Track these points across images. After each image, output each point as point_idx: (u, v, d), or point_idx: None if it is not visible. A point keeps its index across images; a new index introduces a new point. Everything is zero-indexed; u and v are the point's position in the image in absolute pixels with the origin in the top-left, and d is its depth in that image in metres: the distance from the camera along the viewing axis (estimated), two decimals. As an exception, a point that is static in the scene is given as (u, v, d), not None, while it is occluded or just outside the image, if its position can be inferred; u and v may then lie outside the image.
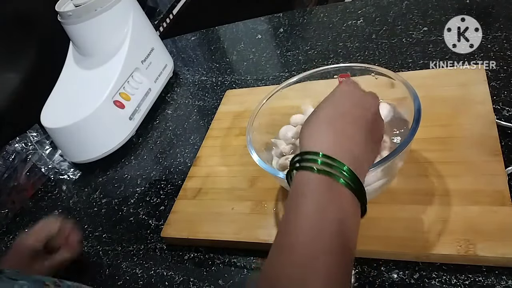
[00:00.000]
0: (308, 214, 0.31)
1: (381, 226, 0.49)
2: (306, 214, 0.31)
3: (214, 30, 1.13)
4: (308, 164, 0.33)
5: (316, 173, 0.33)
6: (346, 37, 0.86)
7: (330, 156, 0.33)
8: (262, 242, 0.54)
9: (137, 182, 0.76)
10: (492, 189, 0.48)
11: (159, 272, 0.59)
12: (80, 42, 0.86)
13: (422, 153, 0.55)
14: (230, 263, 0.56)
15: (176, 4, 1.36)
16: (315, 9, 1.01)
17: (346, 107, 0.38)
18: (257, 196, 0.60)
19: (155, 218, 0.67)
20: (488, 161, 0.51)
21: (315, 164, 0.33)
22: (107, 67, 0.84)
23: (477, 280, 0.44)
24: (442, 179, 0.52)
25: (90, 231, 0.71)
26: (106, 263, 0.64)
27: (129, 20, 0.86)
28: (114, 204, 0.74)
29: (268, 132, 0.61)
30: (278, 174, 0.47)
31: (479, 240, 0.44)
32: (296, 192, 0.34)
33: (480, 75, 0.62)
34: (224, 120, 0.77)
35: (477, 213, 0.47)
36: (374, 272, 0.48)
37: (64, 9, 0.82)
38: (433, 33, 0.77)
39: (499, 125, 0.55)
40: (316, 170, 0.33)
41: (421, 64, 0.72)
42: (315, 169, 0.33)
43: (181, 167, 0.75)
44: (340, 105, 0.38)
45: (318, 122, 0.37)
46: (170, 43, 1.16)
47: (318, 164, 0.33)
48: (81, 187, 0.81)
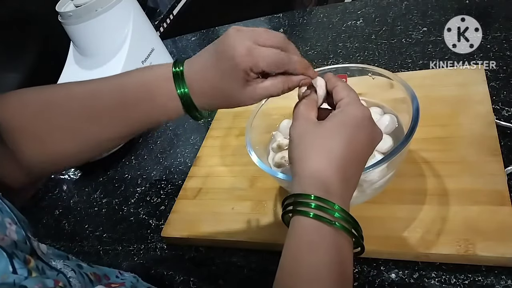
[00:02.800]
0: (307, 261, 0.32)
1: (381, 226, 0.49)
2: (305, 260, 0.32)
3: (214, 30, 1.13)
4: (302, 209, 0.33)
5: (311, 218, 0.32)
6: (345, 38, 0.86)
7: (323, 199, 0.33)
8: (262, 242, 0.54)
9: (138, 182, 0.76)
10: (492, 189, 0.48)
11: (159, 271, 0.59)
12: (80, 42, 0.86)
13: (421, 153, 0.55)
14: (230, 263, 0.56)
15: (176, 5, 1.36)
16: (315, 9, 1.01)
17: (359, 148, 0.35)
18: (257, 196, 0.60)
19: (156, 218, 0.67)
20: (487, 161, 0.51)
21: (309, 209, 0.33)
22: (108, 67, 0.84)
23: (476, 280, 0.44)
24: (442, 179, 0.52)
25: (90, 231, 0.71)
26: (107, 262, 0.64)
27: (129, 21, 0.86)
28: (114, 204, 0.74)
29: (268, 132, 0.61)
30: (277, 175, 0.47)
31: (479, 239, 0.44)
32: (295, 238, 0.34)
33: (480, 75, 0.62)
34: (224, 120, 0.77)
35: (477, 213, 0.47)
36: (374, 272, 0.48)
37: (64, 10, 0.82)
38: (432, 33, 0.77)
39: (499, 125, 0.55)
40: (311, 215, 0.32)
41: (421, 64, 0.72)
42: (310, 214, 0.32)
43: (181, 167, 0.75)
44: (353, 146, 0.35)
45: (328, 159, 0.34)
46: (171, 44, 1.17)
47: (311, 208, 0.33)
48: (81, 187, 0.81)
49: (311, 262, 0.32)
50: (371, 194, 0.50)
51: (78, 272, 0.35)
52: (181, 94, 0.39)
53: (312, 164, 0.34)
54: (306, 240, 0.33)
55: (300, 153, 0.36)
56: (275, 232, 0.54)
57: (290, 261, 0.33)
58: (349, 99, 0.38)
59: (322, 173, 0.34)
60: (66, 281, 0.32)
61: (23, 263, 0.28)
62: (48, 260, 0.34)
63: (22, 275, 0.27)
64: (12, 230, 0.31)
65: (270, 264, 0.54)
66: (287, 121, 0.61)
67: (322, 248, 0.32)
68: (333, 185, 0.33)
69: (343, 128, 0.35)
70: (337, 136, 0.35)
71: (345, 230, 0.33)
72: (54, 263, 0.34)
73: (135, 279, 0.45)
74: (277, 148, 0.58)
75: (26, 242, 0.31)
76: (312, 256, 0.32)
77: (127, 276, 0.45)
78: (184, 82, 0.39)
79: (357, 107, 0.37)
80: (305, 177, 0.34)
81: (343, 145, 0.34)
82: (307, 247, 0.32)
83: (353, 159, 0.35)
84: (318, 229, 0.32)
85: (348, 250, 0.33)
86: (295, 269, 0.32)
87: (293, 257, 0.33)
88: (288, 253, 0.34)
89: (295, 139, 0.37)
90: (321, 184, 0.33)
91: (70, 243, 0.70)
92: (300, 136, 0.37)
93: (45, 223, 0.77)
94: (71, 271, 0.34)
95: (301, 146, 0.36)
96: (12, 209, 0.32)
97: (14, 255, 0.27)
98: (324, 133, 0.36)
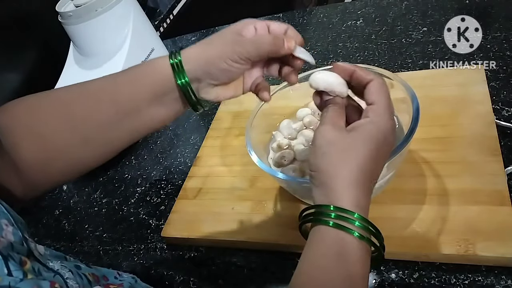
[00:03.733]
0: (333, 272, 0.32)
1: (381, 226, 0.49)
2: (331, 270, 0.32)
3: (214, 30, 1.13)
4: (323, 218, 0.34)
5: (331, 227, 0.33)
6: (345, 38, 0.86)
7: (343, 208, 0.33)
8: (262, 242, 0.54)
9: (138, 182, 0.76)
10: (492, 189, 0.48)
11: (159, 271, 0.59)
12: (80, 42, 0.86)
13: (421, 153, 0.55)
14: (230, 263, 0.56)
15: (176, 5, 1.36)
16: (315, 9, 1.01)
17: (381, 160, 0.36)
18: (257, 196, 0.60)
19: (156, 218, 0.67)
20: (487, 161, 0.51)
21: (329, 218, 0.33)
22: (108, 67, 0.84)
23: (476, 280, 0.44)
24: (442, 179, 0.52)
25: (90, 231, 0.71)
26: (107, 262, 0.64)
27: (129, 21, 0.86)
28: (114, 204, 0.74)
29: (268, 132, 0.61)
30: (277, 175, 0.47)
31: (479, 239, 0.44)
32: (319, 248, 0.34)
33: (480, 75, 0.62)
34: (224, 120, 0.77)
35: (477, 213, 0.47)
36: (374, 272, 0.48)
37: (64, 10, 0.82)
38: (432, 33, 0.77)
39: (499, 125, 0.55)
40: (331, 223, 0.33)
41: (421, 64, 0.72)
42: (330, 223, 0.33)
43: (181, 167, 0.75)
44: (378, 159, 0.35)
45: (357, 172, 0.34)
46: (171, 44, 1.17)
47: (332, 217, 0.33)
48: (81, 187, 0.81)
49: (334, 273, 0.32)
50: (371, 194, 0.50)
51: (76, 272, 0.35)
52: (181, 85, 0.40)
53: (343, 177, 0.34)
54: (331, 251, 0.33)
55: (329, 161, 0.35)
56: (275, 232, 0.54)
57: (311, 270, 0.33)
58: (380, 108, 0.36)
59: (353, 187, 0.34)
60: (63, 282, 0.32)
61: (18, 265, 0.28)
62: (46, 261, 0.34)
63: (18, 277, 0.26)
64: (9, 231, 0.30)
65: (270, 264, 0.54)
66: (287, 121, 0.61)
67: (345, 260, 0.32)
68: (361, 199, 0.34)
69: (372, 142, 0.35)
70: (367, 149, 0.34)
71: (367, 240, 0.33)
72: (51, 264, 0.34)
73: (134, 280, 0.45)
74: (277, 148, 0.58)
75: (23, 244, 0.31)
76: (336, 267, 0.32)
77: (126, 277, 0.45)
78: (183, 72, 0.39)
79: (386, 121, 0.36)
80: (336, 190, 0.34)
81: (370, 159, 0.34)
82: (332, 258, 0.33)
83: (374, 170, 0.36)
84: (341, 238, 0.33)
85: (366, 258, 0.34)
86: (316, 279, 0.32)
87: (314, 266, 0.33)
88: (309, 262, 0.34)
89: (323, 146, 0.36)
90: (354, 197, 0.34)
91: (70, 243, 0.70)
92: (329, 144, 0.36)
93: (45, 223, 0.77)
94: (68, 272, 0.34)
95: (329, 155, 0.35)
96: (8, 210, 0.32)
97: (10, 257, 0.27)
98: (354, 145, 0.35)
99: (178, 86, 0.40)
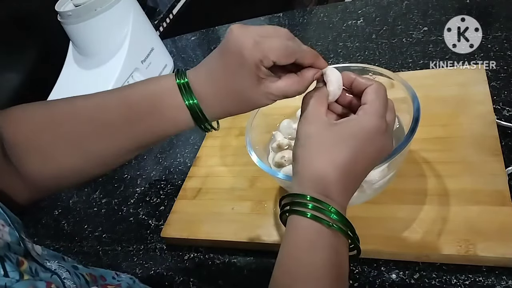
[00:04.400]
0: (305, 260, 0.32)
1: (381, 226, 0.49)
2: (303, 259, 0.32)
3: (214, 30, 1.13)
4: (300, 209, 0.33)
5: (308, 219, 0.33)
6: (346, 37, 0.86)
7: (320, 200, 0.33)
8: (262, 242, 0.54)
9: (137, 182, 0.76)
10: (492, 189, 0.48)
11: (159, 272, 0.59)
12: (80, 42, 0.86)
13: (422, 153, 0.55)
14: (230, 263, 0.56)
15: (176, 4, 1.36)
16: (315, 9, 1.01)
17: (364, 161, 0.35)
18: (257, 196, 0.60)
19: (155, 218, 0.67)
20: (488, 161, 0.51)
21: (306, 209, 0.33)
22: (107, 67, 0.84)
23: (477, 280, 0.44)
24: (442, 179, 0.51)
25: (90, 231, 0.70)
26: (106, 263, 0.64)
27: (129, 20, 0.86)
28: (114, 204, 0.74)
29: (268, 132, 0.61)
30: (277, 175, 0.47)
31: (479, 240, 0.44)
32: (293, 237, 0.34)
33: (480, 75, 0.61)
34: (224, 120, 0.77)
35: (477, 213, 0.47)
36: (374, 272, 0.48)
37: (64, 9, 0.82)
38: (433, 33, 0.77)
39: (499, 125, 0.55)
40: (309, 215, 0.33)
41: (421, 64, 0.72)
42: (308, 215, 0.33)
43: (181, 167, 0.75)
44: (360, 158, 0.34)
45: (332, 165, 0.34)
46: (170, 43, 1.16)
47: (309, 208, 0.33)
48: (81, 187, 0.81)
49: (309, 261, 0.32)
50: (372, 194, 0.50)
51: (74, 273, 0.35)
52: (189, 105, 0.38)
53: (315, 167, 0.34)
54: (305, 239, 0.33)
55: (304, 153, 0.35)
56: (275, 232, 0.54)
57: (287, 260, 0.33)
58: (370, 108, 0.35)
59: (324, 178, 0.33)
60: (60, 283, 0.32)
61: (15, 265, 0.27)
62: (43, 261, 0.33)
63: (14, 278, 0.26)
64: (5, 231, 0.30)
65: (270, 264, 0.53)
66: (287, 121, 0.60)
67: (321, 248, 0.32)
68: (333, 192, 0.33)
69: (352, 139, 0.34)
70: (344, 145, 0.34)
71: (341, 231, 0.33)
72: (48, 264, 0.34)
73: (132, 280, 0.45)
74: (277, 148, 0.57)
75: (20, 244, 0.31)
76: (310, 255, 0.32)
77: (124, 277, 0.45)
78: (191, 92, 0.38)
79: (372, 120, 0.35)
80: (306, 178, 0.34)
81: (350, 156, 0.34)
82: (306, 246, 0.32)
83: (357, 170, 0.35)
84: (316, 229, 0.32)
85: (345, 252, 0.33)
86: (292, 268, 0.32)
87: (290, 255, 0.33)
88: (286, 251, 0.34)
89: (301, 138, 0.36)
90: (322, 188, 0.33)
91: (69, 244, 0.70)
92: (307, 135, 0.36)
93: (44, 224, 0.76)
94: (65, 272, 0.34)
95: (306, 146, 0.35)
96: (5, 210, 0.32)
97: (6, 258, 0.27)
98: (333, 139, 0.34)
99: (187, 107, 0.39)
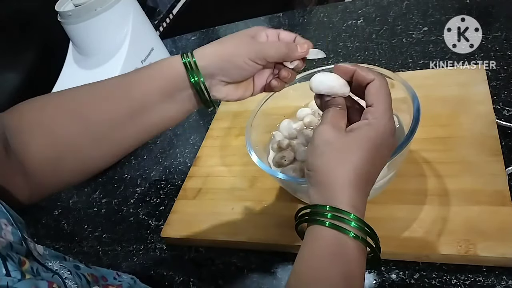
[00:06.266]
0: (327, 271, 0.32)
1: (381, 226, 0.49)
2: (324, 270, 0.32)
3: (214, 30, 1.13)
4: (319, 218, 0.34)
5: (327, 227, 0.33)
6: (346, 37, 0.86)
7: (339, 209, 0.33)
8: (262, 242, 0.54)
9: (137, 182, 0.76)
10: (492, 189, 0.48)
11: (159, 272, 0.59)
12: (80, 42, 0.86)
13: (422, 153, 0.55)
14: (230, 263, 0.56)
15: (176, 4, 1.35)
16: (315, 9, 1.01)
17: (379, 162, 0.36)
18: (257, 196, 0.60)
19: (155, 218, 0.67)
20: (488, 161, 0.51)
21: (325, 218, 0.33)
22: (107, 67, 0.84)
23: (477, 280, 0.44)
24: (442, 179, 0.51)
25: (90, 231, 0.70)
26: (106, 263, 0.64)
27: (129, 20, 0.86)
28: (114, 204, 0.74)
29: (268, 132, 0.61)
30: (277, 175, 0.47)
31: (479, 240, 0.44)
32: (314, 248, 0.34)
33: (480, 75, 0.61)
34: (224, 120, 0.77)
35: (477, 213, 0.47)
36: (374, 272, 0.48)
37: (64, 9, 0.82)
38: (433, 33, 0.77)
39: (499, 125, 0.55)
40: (327, 224, 0.33)
41: (421, 64, 0.72)
42: (326, 223, 0.33)
43: (181, 167, 0.75)
44: (376, 161, 0.36)
45: (354, 173, 0.34)
46: (170, 43, 1.16)
47: (328, 218, 0.33)
48: (81, 187, 0.81)
49: (331, 273, 0.32)
50: (372, 194, 0.50)
51: (75, 273, 0.35)
52: (194, 82, 0.40)
53: (339, 177, 0.34)
54: (327, 251, 0.33)
55: (325, 162, 0.35)
56: (275, 232, 0.54)
57: (307, 270, 0.33)
58: (378, 110, 0.36)
59: (348, 187, 0.34)
60: (61, 282, 0.32)
61: (17, 265, 0.27)
62: (45, 261, 0.33)
63: (16, 278, 0.26)
64: (8, 231, 0.30)
65: (270, 265, 0.53)
66: (287, 121, 0.60)
67: (342, 260, 0.32)
68: (356, 201, 0.34)
69: (369, 143, 0.35)
70: (362, 151, 0.35)
71: (362, 241, 0.33)
72: (50, 264, 0.34)
73: (133, 280, 0.45)
74: (277, 148, 0.57)
75: (22, 243, 0.31)
76: (332, 267, 0.32)
77: (125, 277, 0.45)
78: (197, 70, 0.40)
79: (385, 123, 0.36)
80: (333, 190, 0.34)
81: (367, 161, 0.35)
82: (328, 258, 0.32)
83: (372, 172, 0.36)
84: (337, 240, 0.33)
85: (363, 262, 0.33)
86: (313, 279, 0.32)
87: (311, 266, 0.33)
88: (306, 262, 0.34)
89: (320, 146, 0.36)
90: (349, 199, 0.34)
91: (69, 244, 0.70)
92: (327, 144, 0.36)
93: (44, 224, 0.76)
94: (67, 272, 0.34)
95: (326, 155, 0.35)
96: (8, 210, 0.32)
97: (8, 257, 0.27)
98: (351, 146, 0.35)
99: (191, 84, 0.41)
